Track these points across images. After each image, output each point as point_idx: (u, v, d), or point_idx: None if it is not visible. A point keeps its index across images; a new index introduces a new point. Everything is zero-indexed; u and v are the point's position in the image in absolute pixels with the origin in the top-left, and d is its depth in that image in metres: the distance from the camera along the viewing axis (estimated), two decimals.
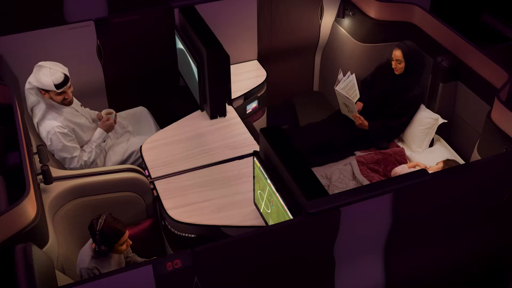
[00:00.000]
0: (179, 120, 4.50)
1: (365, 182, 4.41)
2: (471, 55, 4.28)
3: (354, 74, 4.74)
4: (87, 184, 3.78)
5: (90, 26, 4.54)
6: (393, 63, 4.63)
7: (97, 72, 4.78)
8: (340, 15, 5.20)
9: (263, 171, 3.38)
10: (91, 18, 4.52)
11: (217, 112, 4.48)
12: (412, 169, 4.44)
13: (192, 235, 3.72)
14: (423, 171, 3.17)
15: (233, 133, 4.37)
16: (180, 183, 3.94)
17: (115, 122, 4.49)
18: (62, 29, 4.45)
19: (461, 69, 4.40)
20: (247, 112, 4.94)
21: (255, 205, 3.72)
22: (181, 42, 4.55)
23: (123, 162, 4.48)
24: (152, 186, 3.96)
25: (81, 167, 4.21)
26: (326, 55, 5.55)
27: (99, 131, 4.39)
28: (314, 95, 5.76)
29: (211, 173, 4.02)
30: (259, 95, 4.96)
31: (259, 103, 5.01)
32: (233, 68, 4.97)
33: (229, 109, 4.58)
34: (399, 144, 4.86)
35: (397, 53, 4.57)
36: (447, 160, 4.44)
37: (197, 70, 4.30)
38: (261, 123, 5.14)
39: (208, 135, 4.35)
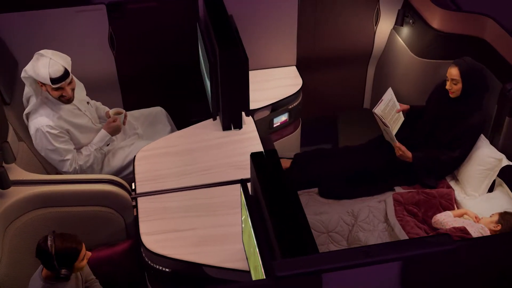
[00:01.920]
0: (187, 128, 3.88)
1: (397, 226, 3.60)
2: None
3: (392, 92, 3.94)
4: (54, 192, 3.22)
5: (102, 11, 4.00)
6: (448, 83, 3.78)
7: (109, 64, 4.24)
8: (399, 22, 4.38)
9: (246, 207, 2.68)
10: (102, 1, 3.98)
11: (230, 122, 3.82)
12: (458, 219, 3.58)
13: (166, 269, 3.09)
14: (447, 237, 2.35)
15: (244, 150, 3.69)
16: (164, 203, 3.32)
17: (124, 123, 3.93)
18: (68, 11, 3.93)
19: None
20: (274, 125, 4.24)
21: (244, 243, 3.04)
22: (201, 38, 3.92)
23: (123, 169, 3.92)
24: (134, 203, 3.37)
25: (74, 171, 3.68)
26: (380, 68, 4.74)
27: (102, 133, 3.84)
28: (363, 113, 4.95)
29: (203, 195, 3.37)
30: (290, 107, 4.25)
31: (290, 116, 4.30)
32: (264, 73, 4.34)
33: (248, 120, 3.90)
34: (452, 183, 4.00)
35: (453, 71, 3.72)
36: (505, 213, 3.55)
37: (209, 71, 3.66)
38: (291, 139, 4.43)
39: (214, 148, 3.70)
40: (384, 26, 4.54)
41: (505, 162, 3.74)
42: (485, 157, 3.81)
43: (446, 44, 4.10)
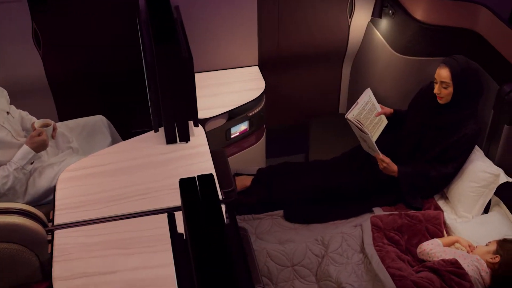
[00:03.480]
0: (123, 142, 3.25)
1: (375, 258, 2.98)
2: None
3: (370, 92, 3.34)
4: None
5: (22, 3, 3.35)
6: (436, 86, 3.17)
7: (36, 66, 3.59)
8: (377, 14, 3.77)
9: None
10: None
11: (175, 134, 3.18)
12: (448, 250, 2.97)
13: None
14: None
15: (190, 167, 3.05)
16: (86, 238, 2.67)
17: (53, 137, 3.29)
18: None
19: None
20: (232, 136, 3.62)
21: None
22: (140, 32, 3.28)
23: (50, 191, 3.27)
24: (51, 237, 2.73)
25: None
26: (357, 67, 4.12)
27: (24, 149, 3.17)
28: (338, 119, 4.30)
29: (135, 227, 2.72)
30: (251, 114, 3.63)
31: (251, 125, 3.68)
32: (219, 75, 3.72)
33: (198, 131, 3.27)
34: (441, 203, 3.39)
35: (443, 73, 3.11)
36: (504, 241, 2.95)
37: (146, 72, 3.03)
38: (254, 152, 3.81)
39: (155, 167, 3.06)
40: (360, 19, 3.91)
41: (503, 178, 3.13)
42: (480, 172, 3.21)
43: (432, 39, 3.49)
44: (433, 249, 2.96)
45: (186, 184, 2.11)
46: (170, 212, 2.13)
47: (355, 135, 3.42)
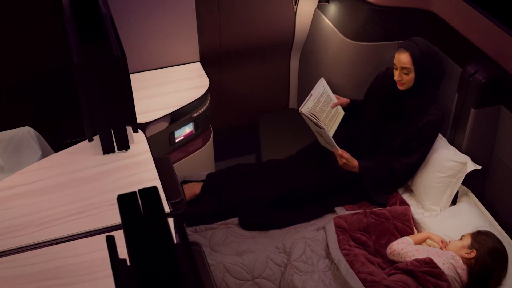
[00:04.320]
0: (54, 155, 2.87)
1: (343, 263, 2.72)
2: None
3: (324, 83, 3.09)
4: None
5: None
6: (397, 73, 2.94)
7: None
8: None
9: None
10: None
11: (111, 143, 2.84)
12: (421, 248, 2.74)
13: None
14: None
15: (132, 179, 2.71)
16: (15, 269, 2.31)
17: None
18: None
19: (507, 86, 2.71)
20: (176, 141, 3.30)
21: None
22: (65, 33, 2.92)
23: None
24: None
25: None
26: (306, 58, 3.86)
27: None
28: (290, 115, 4.06)
29: (70, 252, 2.37)
30: (196, 114, 3.32)
31: (196, 127, 3.37)
32: (158, 75, 3.40)
33: (138, 137, 2.93)
34: (406, 197, 3.17)
35: (403, 58, 2.89)
36: (478, 233, 2.75)
37: (74, 75, 2.67)
38: (201, 157, 3.50)
39: (92, 181, 2.70)
40: (306, 5, 3.65)
41: (471, 166, 2.93)
42: (446, 161, 3.00)
43: (385, 21, 3.26)
44: (404, 248, 2.72)
45: (125, 201, 1.79)
46: (109, 235, 1.81)
47: (309, 130, 3.15)
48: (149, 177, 2.74)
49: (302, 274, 2.74)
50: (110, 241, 1.80)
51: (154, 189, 1.83)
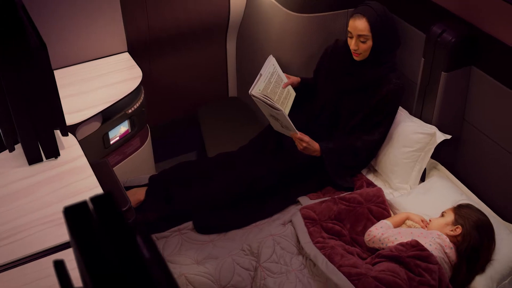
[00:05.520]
0: None
1: (320, 258, 2.42)
2: (499, 18, 2.36)
3: (273, 60, 2.79)
4: None
5: None
6: (352, 42, 2.67)
7: None
8: None
9: None
10: None
11: (38, 151, 2.41)
12: (403, 230, 2.48)
13: None
14: None
15: (69, 189, 2.31)
16: None
17: None
18: None
19: (478, 45, 2.49)
20: (111, 142, 2.90)
21: None
22: None
23: None
24: None
25: None
26: (244, 40, 3.54)
27: None
28: (229, 103, 3.72)
29: (4, 285, 1.95)
30: (130, 111, 2.93)
31: (132, 125, 2.98)
32: (82, 69, 2.98)
33: (69, 142, 2.52)
34: (371, 177, 2.93)
35: (360, 25, 2.62)
36: (459, 207, 2.52)
37: None
38: (141, 158, 3.11)
39: (20, 197, 2.27)
40: None
41: (440, 137, 2.71)
42: (411, 134, 2.77)
43: None
44: (385, 233, 2.45)
45: (74, 213, 1.40)
46: (57, 260, 1.42)
47: (254, 118, 2.85)
48: (88, 185, 2.34)
49: (275, 276, 2.42)
50: (60, 267, 1.41)
51: (108, 196, 1.45)
